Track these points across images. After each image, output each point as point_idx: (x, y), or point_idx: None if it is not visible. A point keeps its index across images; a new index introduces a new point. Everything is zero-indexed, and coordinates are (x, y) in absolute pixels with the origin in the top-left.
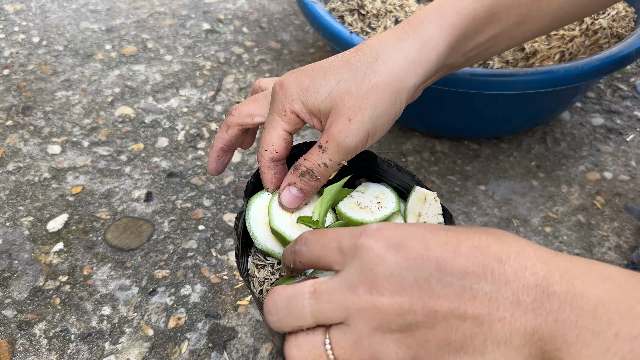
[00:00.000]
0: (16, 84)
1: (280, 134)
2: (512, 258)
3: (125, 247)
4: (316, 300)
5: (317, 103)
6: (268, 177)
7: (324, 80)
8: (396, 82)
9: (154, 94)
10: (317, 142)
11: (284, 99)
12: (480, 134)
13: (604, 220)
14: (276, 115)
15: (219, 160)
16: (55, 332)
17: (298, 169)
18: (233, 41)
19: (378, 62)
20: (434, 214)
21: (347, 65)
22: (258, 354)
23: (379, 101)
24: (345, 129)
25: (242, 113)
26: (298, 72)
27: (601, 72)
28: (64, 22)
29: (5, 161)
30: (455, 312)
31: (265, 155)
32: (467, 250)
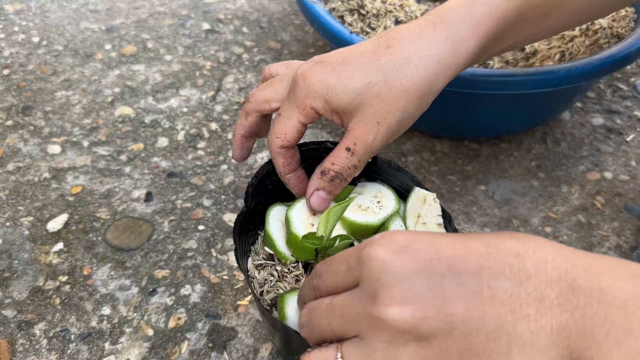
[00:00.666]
0: (16, 84)
1: (294, 125)
2: (531, 252)
3: (125, 247)
4: (330, 313)
5: (343, 103)
6: (279, 162)
7: (351, 79)
8: (427, 85)
9: (153, 94)
10: (343, 144)
11: (306, 93)
12: (480, 134)
13: (604, 220)
14: (294, 107)
15: (242, 147)
16: (55, 332)
17: (327, 174)
18: (233, 41)
19: (410, 64)
20: (433, 215)
21: (377, 66)
22: (258, 354)
23: (409, 105)
24: (374, 131)
25: (259, 99)
26: (322, 64)
27: (601, 72)
28: (64, 22)
29: (5, 161)
30: (474, 313)
31: (276, 142)
32: (479, 247)
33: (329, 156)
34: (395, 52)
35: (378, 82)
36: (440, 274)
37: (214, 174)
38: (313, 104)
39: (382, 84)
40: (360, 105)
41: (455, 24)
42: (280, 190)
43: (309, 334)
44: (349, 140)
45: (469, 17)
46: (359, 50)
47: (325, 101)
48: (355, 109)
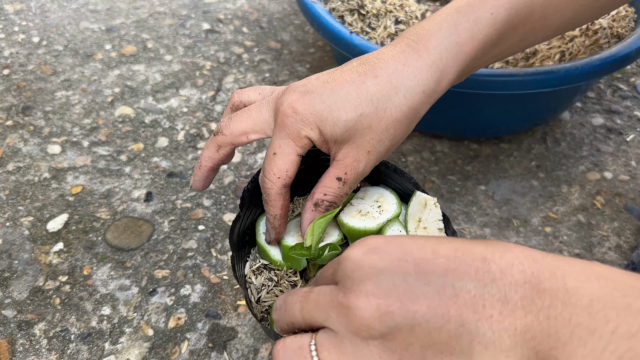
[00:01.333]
0: (16, 84)
1: (294, 159)
2: (498, 256)
3: (125, 247)
4: (305, 299)
5: (335, 134)
6: (279, 204)
7: (343, 111)
8: (414, 114)
9: (153, 94)
10: (333, 174)
11: (300, 125)
12: (480, 134)
13: (604, 220)
14: (289, 141)
15: (207, 178)
16: (55, 332)
17: (320, 205)
18: (233, 41)
19: (399, 95)
20: (434, 220)
21: (367, 97)
22: (258, 354)
23: (397, 132)
24: (364, 160)
25: (234, 132)
26: (310, 95)
27: (601, 72)
28: (64, 22)
29: (5, 161)
30: (436, 311)
31: (277, 183)
32: (447, 251)
33: (318, 187)
34: (383, 82)
35: (369, 114)
36: (406, 273)
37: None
38: (309, 135)
39: (373, 115)
40: (352, 137)
41: (438, 51)
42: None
43: (279, 317)
44: (339, 170)
45: (451, 44)
46: (345, 79)
47: (319, 132)
48: (346, 140)
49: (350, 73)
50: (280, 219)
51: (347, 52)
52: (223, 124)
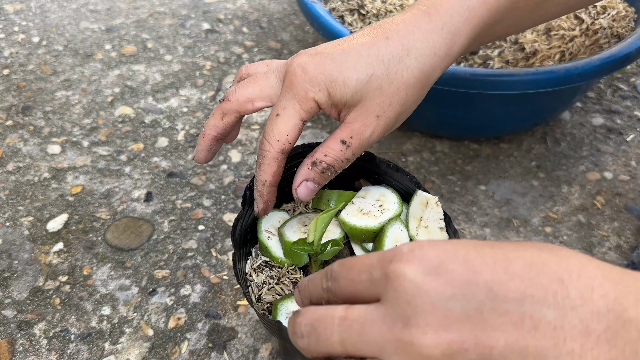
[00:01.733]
0: (16, 84)
1: (296, 123)
2: (575, 277)
3: (125, 247)
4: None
5: (345, 96)
6: (272, 170)
7: (354, 70)
8: (425, 78)
9: (153, 94)
10: (338, 136)
11: (308, 86)
12: (480, 134)
13: (604, 220)
14: (295, 102)
15: (210, 149)
16: (55, 332)
17: (318, 165)
18: (233, 41)
19: (410, 57)
20: (435, 219)
21: (378, 57)
22: (258, 354)
23: (408, 97)
24: (372, 125)
25: (240, 98)
26: (321, 55)
27: (601, 72)
28: (64, 22)
29: (5, 161)
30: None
31: (276, 146)
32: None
33: (321, 146)
34: (394, 43)
35: (380, 74)
36: (478, 300)
37: (214, 174)
38: (316, 97)
39: (384, 76)
40: (362, 98)
41: (449, 14)
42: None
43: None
44: (345, 132)
45: (462, 7)
46: (356, 42)
47: (328, 94)
48: (356, 102)
49: (362, 36)
50: (269, 186)
51: None
52: (229, 91)
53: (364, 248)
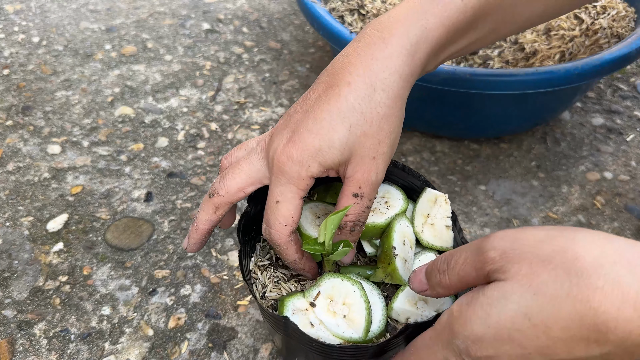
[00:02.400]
0: (16, 84)
1: (298, 204)
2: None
3: (125, 247)
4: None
5: (336, 158)
6: (292, 250)
7: (333, 132)
8: (399, 101)
9: (153, 94)
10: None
11: (299, 168)
12: (480, 134)
13: (604, 220)
14: (292, 186)
15: (203, 241)
16: (55, 332)
17: (345, 228)
18: (233, 41)
19: (377, 91)
20: (443, 216)
21: (348, 107)
22: (258, 354)
23: (392, 126)
24: (374, 168)
25: (230, 190)
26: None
27: (601, 72)
28: (64, 22)
29: (5, 161)
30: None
31: (285, 231)
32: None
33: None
34: (358, 85)
35: (357, 122)
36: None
37: (214, 174)
38: (309, 174)
39: (362, 122)
40: (352, 152)
41: (406, 37)
42: None
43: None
44: (353, 186)
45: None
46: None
47: (319, 164)
48: (348, 156)
49: (324, 91)
50: (299, 261)
51: None
52: (217, 185)
53: (372, 244)
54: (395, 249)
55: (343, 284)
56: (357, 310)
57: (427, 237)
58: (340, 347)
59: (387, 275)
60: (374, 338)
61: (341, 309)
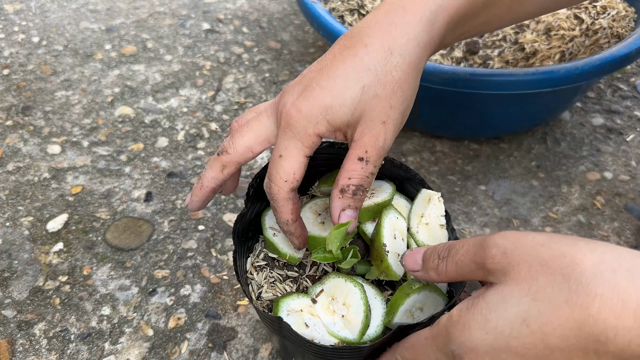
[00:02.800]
0: (16, 84)
1: (301, 160)
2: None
3: (125, 247)
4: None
5: (345, 117)
6: (288, 208)
7: (346, 90)
8: (414, 70)
9: (153, 94)
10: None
11: (307, 123)
12: (480, 134)
13: (604, 220)
14: (297, 142)
15: (206, 200)
16: (55, 332)
17: (347, 191)
18: (233, 41)
19: (394, 55)
20: (437, 215)
21: (364, 67)
22: (258, 354)
23: (405, 93)
24: (382, 132)
25: (238, 148)
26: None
27: (601, 72)
28: (64, 22)
29: (5, 161)
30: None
31: (284, 187)
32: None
33: (341, 172)
34: (375, 47)
35: (371, 82)
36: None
37: None
38: (317, 131)
39: (375, 83)
40: (362, 112)
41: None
42: None
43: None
44: (359, 149)
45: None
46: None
47: (327, 122)
48: (358, 118)
49: (340, 52)
50: (292, 223)
51: None
52: (226, 143)
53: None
54: (385, 246)
55: (346, 284)
56: (355, 311)
57: (422, 238)
58: (333, 348)
59: (381, 273)
60: (369, 342)
61: (340, 309)
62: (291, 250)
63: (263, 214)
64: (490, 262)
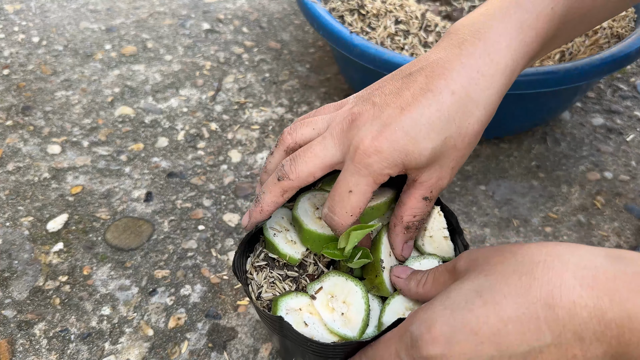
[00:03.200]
0: (16, 84)
1: (369, 196)
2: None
3: (125, 247)
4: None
5: (420, 164)
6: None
7: (428, 141)
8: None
9: (153, 94)
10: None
11: (384, 164)
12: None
13: (604, 220)
14: (370, 179)
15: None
16: (55, 332)
17: (412, 226)
18: (233, 41)
19: (479, 107)
20: (439, 228)
21: (449, 118)
22: (258, 354)
23: (476, 143)
24: (448, 175)
25: (301, 175)
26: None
27: (601, 72)
28: (64, 22)
29: (5, 161)
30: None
31: (349, 221)
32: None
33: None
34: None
35: (453, 134)
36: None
37: (214, 174)
38: (391, 171)
39: (456, 135)
40: (437, 159)
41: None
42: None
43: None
44: (425, 190)
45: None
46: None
47: (404, 165)
48: (431, 163)
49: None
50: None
51: (347, 52)
52: (287, 168)
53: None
54: (382, 262)
55: (347, 283)
56: (356, 310)
57: (428, 250)
58: (335, 346)
59: (373, 287)
60: (370, 338)
61: (340, 307)
62: (291, 251)
63: None
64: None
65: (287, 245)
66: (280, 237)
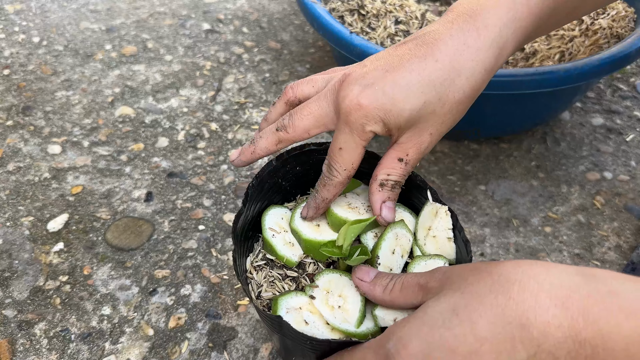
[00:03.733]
0: (16, 84)
1: (359, 152)
2: (533, 317)
3: (125, 247)
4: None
5: (399, 123)
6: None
7: (407, 101)
8: (475, 92)
9: (154, 94)
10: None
11: (364, 120)
12: (480, 134)
13: (604, 220)
14: (355, 137)
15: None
16: (55, 332)
17: (387, 184)
18: (233, 41)
19: (461, 77)
20: (444, 228)
21: (429, 82)
22: (258, 353)
23: (459, 112)
24: (426, 142)
25: (298, 129)
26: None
27: (601, 72)
28: (64, 22)
29: (5, 161)
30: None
31: (343, 174)
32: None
33: (380, 168)
34: (444, 65)
35: (432, 100)
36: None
37: (214, 174)
38: (373, 129)
39: (436, 101)
40: (415, 122)
41: (498, 28)
42: (281, 191)
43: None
44: (401, 151)
45: (510, 20)
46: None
47: (384, 124)
48: (410, 126)
49: (408, 57)
50: (327, 202)
51: (347, 52)
52: (286, 121)
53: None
54: (378, 258)
55: (341, 278)
56: (351, 302)
57: (429, 250)
58: (336, 343)
59: None
60: (370, 335)
61: (336, 300)
62: (289, 253)
63: (264, 214)
64: (432, 281)
65: (286, 246)
66: (279, 238)
